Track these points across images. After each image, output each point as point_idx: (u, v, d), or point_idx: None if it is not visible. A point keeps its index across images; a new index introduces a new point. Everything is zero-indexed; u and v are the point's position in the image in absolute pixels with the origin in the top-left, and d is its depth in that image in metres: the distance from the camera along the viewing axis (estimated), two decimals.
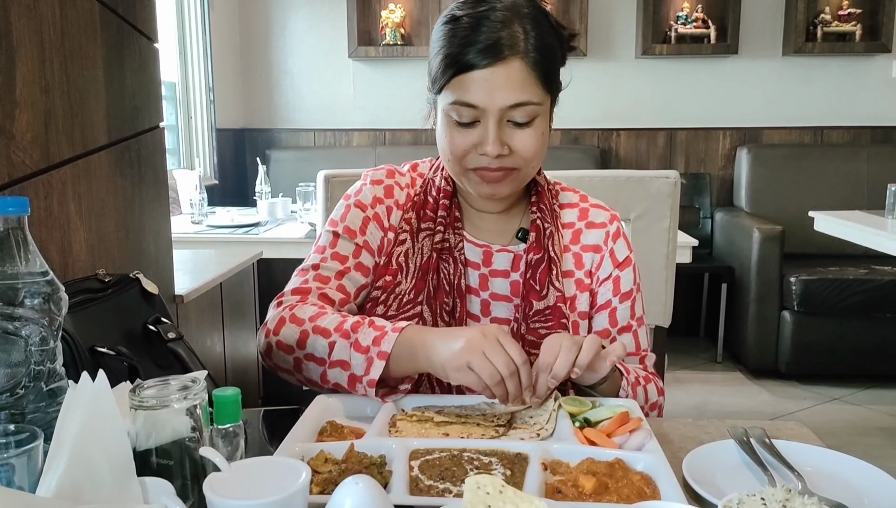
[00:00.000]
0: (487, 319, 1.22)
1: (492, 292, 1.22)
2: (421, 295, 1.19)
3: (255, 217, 3.48)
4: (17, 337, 0.67)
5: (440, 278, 1.20)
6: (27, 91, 1.00)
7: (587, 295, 1.25)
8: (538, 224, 1.23)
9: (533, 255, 1.21)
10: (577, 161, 4.18)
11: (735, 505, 0.71)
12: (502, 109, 1.09)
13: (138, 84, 1.37)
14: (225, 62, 4.36)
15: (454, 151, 1.13)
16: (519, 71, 1.08)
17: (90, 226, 1.18)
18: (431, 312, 1.18)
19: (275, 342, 1.10)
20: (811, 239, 3.53)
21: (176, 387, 0.73)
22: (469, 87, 1.09)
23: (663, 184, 1.99)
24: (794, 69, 4.32)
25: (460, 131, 1.12)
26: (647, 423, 0.96)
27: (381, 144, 4.48)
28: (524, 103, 1.09)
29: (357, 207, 1.23)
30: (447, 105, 1.11)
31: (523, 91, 1.09)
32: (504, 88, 1.08)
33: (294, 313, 1.11)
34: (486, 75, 1.08)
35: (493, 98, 1.08)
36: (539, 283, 1.20)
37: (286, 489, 0.64)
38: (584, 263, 1.25)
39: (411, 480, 0.83)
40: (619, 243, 1.26)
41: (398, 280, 1.20)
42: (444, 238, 1.21)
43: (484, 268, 1.23)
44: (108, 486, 0.64)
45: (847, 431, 3.13)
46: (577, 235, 1.26)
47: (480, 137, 1.11)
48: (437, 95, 1.15)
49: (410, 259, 1.21)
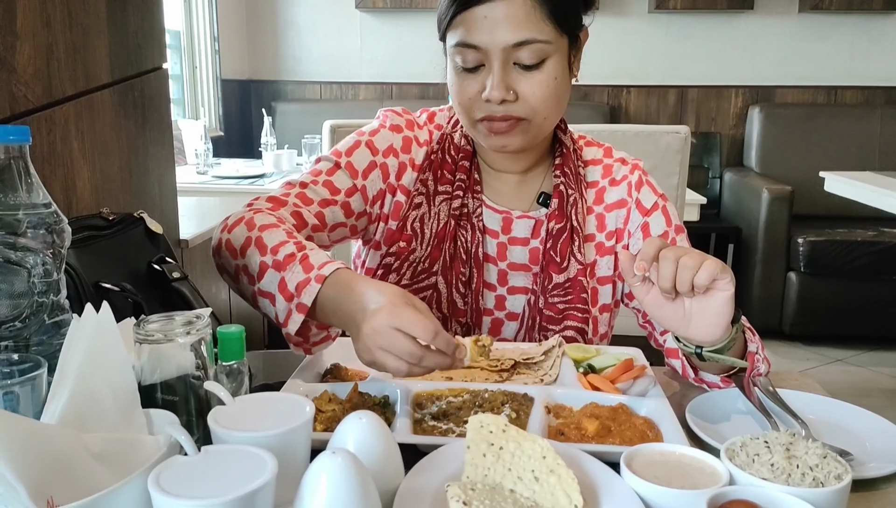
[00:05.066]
0: (504, 289, 1.17)
1: (510, 261, 1.17)
2: (437, 264, 1.14)
3: (260, 169, 3.46)
4: (21, 267, 0.67)
5: (457, 247, 1.14)
6: (28, 24, 0.98)
7: (608, 259, 1.17)
8: (561, 190, 1.15)
9: (555, 224, 1.14)
10: (587, 118, 4.12)
11: (738, 448, 0.71)
12: (505, 49, 1.02)
13: (141, 23, 1.35)
14: (230, 11, 4.30)
15: (460, 99, 1.07)
16: (521, 5, 1.01)
17: (94, 165, 1.17)
18: (447, 283, 1.13)
19: (225, 239, 1.01)
20: (821, 201, 3.50)
21: (180, 322, 0.72)
22: (470, 25, 1.02)
23: (673, 139, 1.97)
24: (810, 27, 4.23)
25: (466, 78, 1.06)
26: (650, 370, 0.96)
27: (387, 98, 4.43)
28: (528, 42, 1.01)
29: (368, 147, 1.15)
30: (451, 49, 1.06)
31: (527, 27, 1.01)
32: (505, 24, 1.01)
33: (253, 217, 1.00)
34: (487, 11, 1.01)
35: (494, 36, 1.01)
36: (560, 254, 1.14)
37: (290, 422, 0.65)
38: (606, 224, 1.18)
39: (415, 420, 0.83)
40: (644, 191, 1.17)
41: (412, 247, 1.14)
42: (462, 203, 1.15)
43: (503, 236, 1.17)
44: (112, 416, 0.65)
45: (849, 392, 3.14)
46: (601, 194, 1.19)
47: (486, 81, 1.04)
48: (443, 40, 1.09)
49: (426, 225, 1.15)
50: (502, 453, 0.66)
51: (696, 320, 0.88)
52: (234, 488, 0.53)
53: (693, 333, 0.89)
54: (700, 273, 0.83)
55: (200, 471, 0.56)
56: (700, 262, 0.83)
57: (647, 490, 0.65)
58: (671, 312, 0.89)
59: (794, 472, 0.67)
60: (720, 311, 0.86)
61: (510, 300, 1.18)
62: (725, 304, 0.86)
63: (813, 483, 0.65)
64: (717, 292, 0.85)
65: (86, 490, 0.55)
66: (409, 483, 0.66)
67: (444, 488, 0.62)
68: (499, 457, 0.66)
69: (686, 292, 0.85)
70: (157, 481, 0.54)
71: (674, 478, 0.67)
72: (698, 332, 0.89)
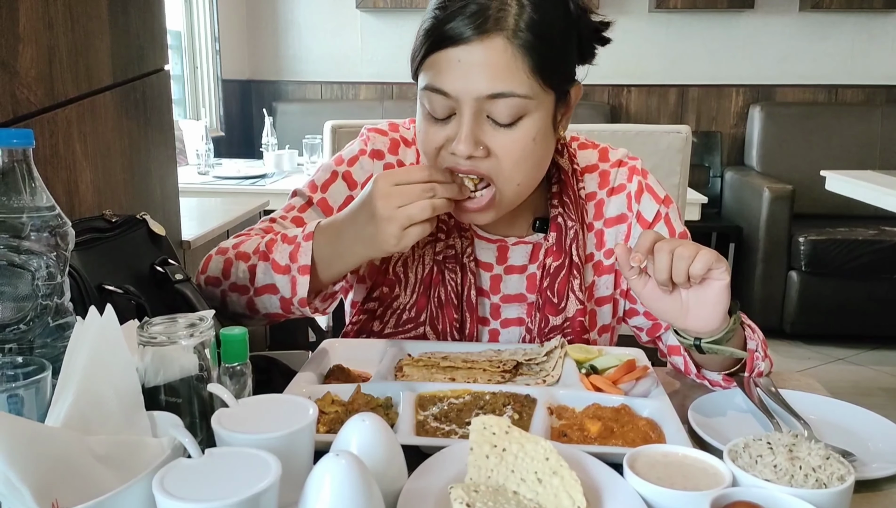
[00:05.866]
0: (498, 322, 1.10)
1: (504, 293, 1.10)
2: (423, 314, 1.06)
3: (261, 169, 3.46)
4: (24, 270, 0.67)
5: (447, 292, 1.05)
6: (30, 26, 0.99)
7: (607, 278, 1.11)
8: (560, 222, 1.06)
9: (552, 260, 1.05)
10: (587, 118, 4.12)
11: (741, 449, 0.71)
12: (479, 99, 0.90)
13: (142, 25, 1.35)
14: (231, 12, 4.30)
15: (426, 148, 0.97)
16: (501, 53, 0.88)
17: (96, 167, 1.18)
18: (437, 333, 1.06)
19: (203, 279, 1.01)
20: (821, 200, 3.50)
21: (184, 324, 0.72)
22: (442, 68, 0.91)
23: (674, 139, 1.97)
24: (810, 25, 4.23)
25: (433, 125, 0.95)
26: (653, 371, 0.96)
27: (388, 98, 4.43)
28: (504, 95, 0.89)
29: (345, 179, 1.08)
30: (421, 91, 0.95)
31: (505, 78, 0.89)
32: (480, 71, 0.88)
33: (221, 247, 1.02)
34: (461, 55, 0.89)
35: (467, 83, 0.89)
36: (558, 294, 1.05)
37: (294, 424, 0.65)
38: (605, 241, 1.10)
39: (417, 422, 0.83)
40: (645, 201, 1.10)
41: (396, 293, 1.07)
42: (447, 245, 1.06)
43: (498, 267, 1.09)
44: (116, 419, 0.65)
45: (850, 391, 3.15)
46: (600, 207, 1.10)
47: (454, 132, 0.93)
48: (415, 79, 0.98)
49: (410, 268, 1.07)
50: (505, 454, 0.66)
51: (694, 310, 0.88)
52: (238, 490, 0.53)
53: (691, 323, 0.89)
54: (695, 263, 0.84)
55: (204, 474, 0.56)
56: (695, 252, 0.84)
57: (650, 492, 0.65)
58: (668, 304, 0.89)
59: (797, 473, 0.67)
60: (717, 300, 0.87)
61: (504, 335, 1.12)
62: (721, 293, 0.86)
63: (816, 484, 0.65)
64: (713, 281, 0.86)
65: (90, 492, 0.55)
66: (413, 484, 0.66)
67: (447, 490, 0.63)
68: (502, 459, 0.66)
69: (682, 283, 0.85)
70: (161, 483, 0.54)
71: (677, 480, 0.68)
72: (696, 322, 0.89)
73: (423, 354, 1.02)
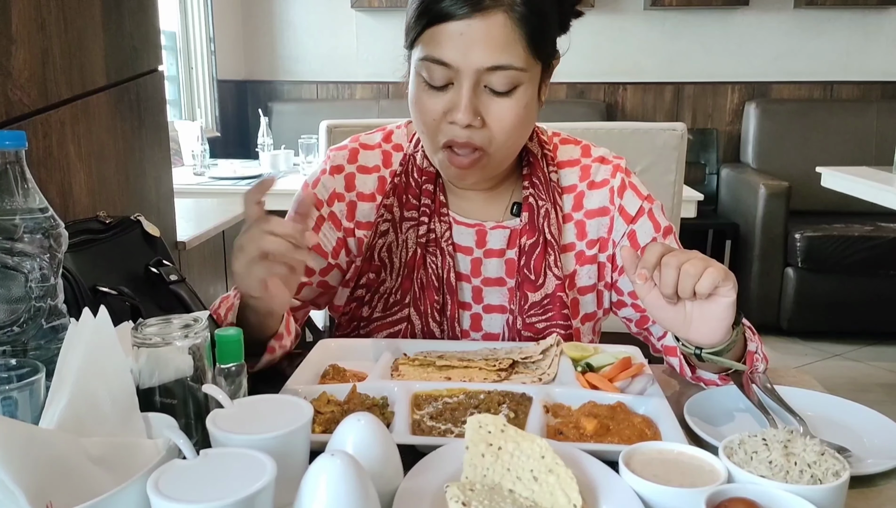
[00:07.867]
0: (480, 306, 1.13)
1: (484, 276, 1.13)
2: (408, 296, 1.09)
3: (257, 169, 3.46)
4: (18, 272, 0.67)
5: (428, 275, 1.09)
6: (23, 28, 0.98)
7: (590, 268, 1.13)
8: (531, 202, 1.10)
9: (526, 239, 1.09)
10: (583, 115, 4.12)
11: (737, 446, 0.71)
12: (478, 71, 0.95)
13: (136, 26, 1.34)
14: (225, 12, 4.29)
15: (424, 118, 1.01)
16: (501, 26, 0.93)
17: (90, 168, 1.17)
18: (420, 314, 1.09)
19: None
20: (818, 196, 3.51)
21: (178, 325, 0.73)
22: (442, 41, 0.95)
23: (670, 136, 1.97)
24: (805, 22, 4.23)
25: (431, 95, 0.98)
26: (649, 369, 0.96)
27: (384, 98, 4.42)
28: (503, 67, 0.95)
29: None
30: (418, 62, 0.98)
31: (504, 52, 0.94)
32: (482, 45, 0.93)
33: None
34: (462, 28, 0.93)
35: (469, 56, 0.94)
36: (535, 271, 1.09)
37: (289, 425, 0.65)
38: (587, 232, 1.12)
39: (413, 421, 0.83)
40: (628, 196, 1.12)
41: (382, 278, 1.10)
42: (429, 229, 1.10)
43: (477, 250, 1.12)
44: (111, 420, 0.65)
45: (848, 387, 3.15)
46: (580, 199, 1.13)
47: (452, 102, 0.97)
48: (409, 49, 1.02)
49: (395, 253, 1.10)
50: (501, 453, 0.66)
51: (697, 323, 0.88)
52: (233, 491, 0.53)
53: (693, 335, 0.89)
54: (702, 281, 0.82)
55: (199, 475, 0.56)
56: (702, 269, 0.83)
57: (646, 489, 0.65)
58: (672, 314, 0.88)
59: (792, 469, 0.67)
60: (721, 316, 0.86)
61: (486, 320, 1.14)
62: (727, 310, 0.86)
63: (811, 480, 0.66)
64: (719, 298, 0.85)
65: (85, 494, 0.55)
66: (409, 483, 0.66)
67: (443, 488, 0.62)
68: (498, 457, 0.66)
69: (688, 298, 0.85)
70: (156, 485, 0.54)
71: (672, 476, 0.68)
72: (699, 335, 0.89)
73: (419, 353, 1.02)
